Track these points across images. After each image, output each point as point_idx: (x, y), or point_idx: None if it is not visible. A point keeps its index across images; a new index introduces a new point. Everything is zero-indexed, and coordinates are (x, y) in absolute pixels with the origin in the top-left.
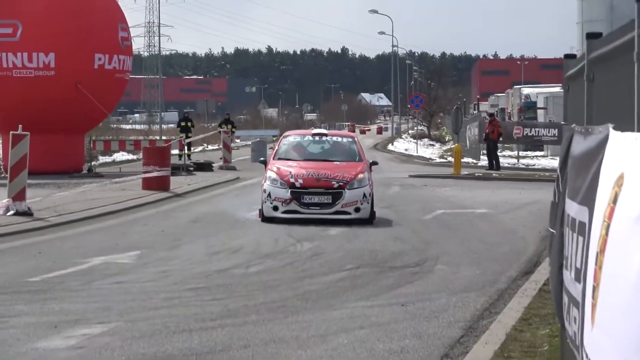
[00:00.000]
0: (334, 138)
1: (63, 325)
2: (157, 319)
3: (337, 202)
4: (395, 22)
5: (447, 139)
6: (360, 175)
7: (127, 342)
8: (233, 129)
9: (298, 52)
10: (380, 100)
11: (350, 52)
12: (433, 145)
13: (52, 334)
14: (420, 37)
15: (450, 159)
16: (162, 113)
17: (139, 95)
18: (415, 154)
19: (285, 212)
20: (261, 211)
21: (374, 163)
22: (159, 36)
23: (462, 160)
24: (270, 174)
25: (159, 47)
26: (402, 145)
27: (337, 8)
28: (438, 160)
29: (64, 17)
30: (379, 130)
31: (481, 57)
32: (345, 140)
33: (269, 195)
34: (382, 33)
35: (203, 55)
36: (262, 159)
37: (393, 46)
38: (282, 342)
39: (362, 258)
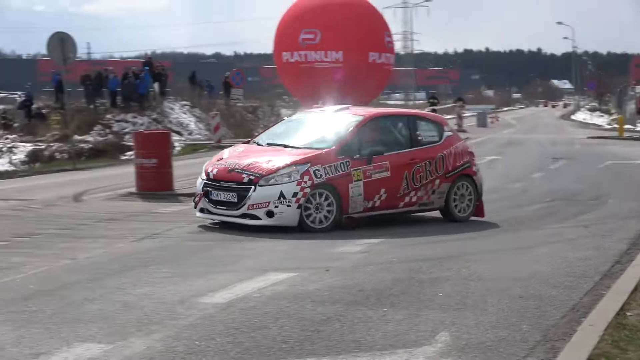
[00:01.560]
0: (338, 115)
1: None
2: None
3: (243, 201)
4: (576, 30)
5: (612, 111)
6: (287, 169)
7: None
8: (464, 104)
9: (501, 51)
10: (565, 84)
11: (542, 51)
12: (602, 116)
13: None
14: (592, 40)
15: (615, 125)
16: (414, 93)
17: (398, 81)
18: (590, 122)
19: (200, 209)
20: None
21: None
22: (412, 40)
23: (624, 126)
24: (210, 160)
25: (412, 48)
26: (581, 116)
27: (533, 19)
28: (607, 126)
29: (349, 26)
30: (565, 106)
31: (636, 54)
32: (353, 119)
33: (198, 186)
34: (566, 38)
35: (442, 53)
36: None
37: (573, 47)
38: (501, 251)
39: (556, 194)
